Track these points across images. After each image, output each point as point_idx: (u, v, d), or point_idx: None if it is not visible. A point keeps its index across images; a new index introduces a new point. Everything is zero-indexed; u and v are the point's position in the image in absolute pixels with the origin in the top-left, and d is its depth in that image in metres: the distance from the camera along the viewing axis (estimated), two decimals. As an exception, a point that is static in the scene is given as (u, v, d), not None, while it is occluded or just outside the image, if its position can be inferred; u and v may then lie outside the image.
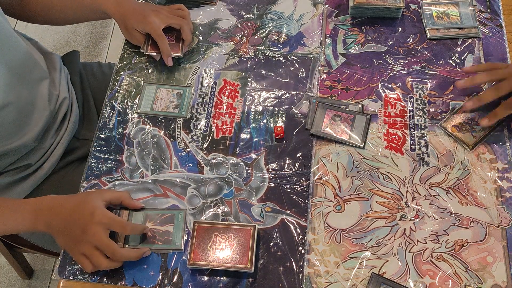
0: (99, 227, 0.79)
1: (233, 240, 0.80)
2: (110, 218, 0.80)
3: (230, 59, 1.04)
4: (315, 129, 0.93)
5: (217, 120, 0.96)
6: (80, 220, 0.80)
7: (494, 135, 0.91)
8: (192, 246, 0.80)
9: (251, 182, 0.89)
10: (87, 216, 0.80)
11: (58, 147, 1.02)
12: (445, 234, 0.82)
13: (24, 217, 0.83)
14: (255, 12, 1.10)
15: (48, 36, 2.17)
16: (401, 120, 0.94)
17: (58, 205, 0.83)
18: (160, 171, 0.91)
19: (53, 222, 0.82)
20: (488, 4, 1.07)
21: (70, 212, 0.81)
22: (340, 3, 1.10)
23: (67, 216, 0.81)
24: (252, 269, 0.78)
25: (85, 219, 0.79)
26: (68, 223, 0.81)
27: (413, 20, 1.06)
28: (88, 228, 0.79)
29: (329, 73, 1.00)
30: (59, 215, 0.82)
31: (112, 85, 1.02)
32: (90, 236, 0.78)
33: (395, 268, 0.80)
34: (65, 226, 0.81)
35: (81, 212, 0.80)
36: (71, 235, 0.80)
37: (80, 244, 0.79)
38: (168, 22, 0.99)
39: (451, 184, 0.87)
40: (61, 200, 0.84)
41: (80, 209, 0.81)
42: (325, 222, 0.84)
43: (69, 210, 0.82)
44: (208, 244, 0.80)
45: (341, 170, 0.89)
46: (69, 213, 0.81)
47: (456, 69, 0.99)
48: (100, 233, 0.79)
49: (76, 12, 1.05)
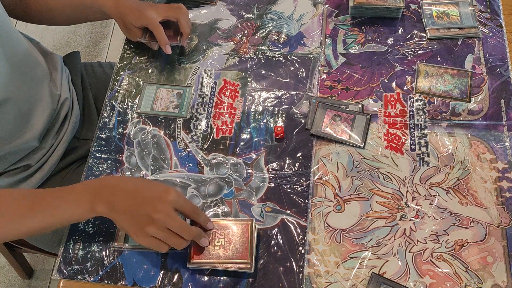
0: (171, 206, 0.73)
1: (232, 236, 0.80)
2: (184, 198, 0.75)
3: (230, 59, 1.04)
4: (315, 129, 0.93)
5: (217, 120, 0.96)
6: (150, 197, 0.74)
7: (494, 135, 0.91)
8: (192, 245, 0.80)
9: (251, 182, 0.89)
10: (161, 192, 0.74)
11: (59, 147, 1.02)
12: (445, 234, 0.82)
13: (80, 198, 0.76)
14: (255, 12, 1.10)
15: (48, 36, 2.17)
16: (401, 120, 0.94)
17: (122, 182, 0.77)
18: (160, 171, 0.91)
19: (117, 200, 0.74)
20: (488, 4, 1.07)
21: (140, 188, 0.75)
22: (340, 3, 1.10)
23: (134, 193, 0.74)
24: (252, 263, 0.78)
25: (159, 196, 0.73)
26: (136, 200, 0.74)
27: (413, 20, 1.06)
28: (161, 207, 0.73)
29: (329, 73, 1.00)
30: (124, 192, 0.75)
31: (112, 85, 1.02)
32: (163, 215, 0.72)
33: (395, 268, 0.80)
34: (131, 205, 0.74)
35: (151, 189, 0.75)
36: (139, 215, 0.73)
37: (150, 225, 0.73)
38: (165, 15, 0.99)
39: (451, 184, 0.87)
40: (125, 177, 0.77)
41: (150, 185, 0.75)
42: (325, 222, 0.84)
43: (137, 186, 0.75)
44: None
45: (341, 170, 0.89)
46: (137, 190, 0.75)
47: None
48: (173, 212, 0.73)
49: (76, 12, 1.05)
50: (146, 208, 0.73)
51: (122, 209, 0.75)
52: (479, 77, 0.98)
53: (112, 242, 0.84)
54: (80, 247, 0.84)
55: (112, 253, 0.83)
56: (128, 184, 0.77)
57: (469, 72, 0.98)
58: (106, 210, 0.75)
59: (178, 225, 0.74)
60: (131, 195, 0.75)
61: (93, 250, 0.84)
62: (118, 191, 0.76)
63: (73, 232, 0.85)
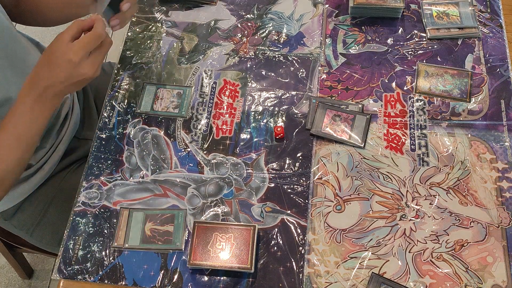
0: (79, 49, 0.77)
1: (233, 240, 0.80)
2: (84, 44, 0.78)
3: (230, 59, 1.04)
4: (315, 129, 0.93)
5: (217, 120, 0.96)
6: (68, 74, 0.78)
7: (494, 135, 0.91)
8: (192, 246, 0.80)
9: (251, 182, 0.89)
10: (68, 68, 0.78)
11: (59, 147, 1.02)
12: (445, 234, 0.82)
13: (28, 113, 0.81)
14: (255, 12, 1.10)
15: (48, 37, 2.17)
16: (401, 120, 0.94)
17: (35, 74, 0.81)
18: (160, 171, 0.91)
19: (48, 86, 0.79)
20: (488, 4, 1.07)
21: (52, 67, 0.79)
22: (340, 3, 1.10)
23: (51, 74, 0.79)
24: (252, 269, 0.78)
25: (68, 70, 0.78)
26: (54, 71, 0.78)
27: (413, 20, 1.06)
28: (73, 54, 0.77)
29: (329, 73, 1.00)
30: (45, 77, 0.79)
31: (112, 85, 1.02)
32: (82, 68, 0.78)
33: (395, 268, 0.80)
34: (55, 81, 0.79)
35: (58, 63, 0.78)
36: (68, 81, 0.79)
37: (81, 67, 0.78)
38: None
39: (451, 184, 0.87)
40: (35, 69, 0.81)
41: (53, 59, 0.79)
42: (325, 222, 0.84)
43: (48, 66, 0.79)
44: (208, 244, 0.80)
45: (341, 170, 0.89)
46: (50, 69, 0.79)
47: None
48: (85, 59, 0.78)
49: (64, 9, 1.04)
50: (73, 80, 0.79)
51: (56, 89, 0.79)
52: (479, 77, 0.98)
53: (112, 242, 0.84)
54: (80, 247, 0.84)
55: (112, 253, 0.83)
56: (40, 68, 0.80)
57: (469, 72, 0.98)
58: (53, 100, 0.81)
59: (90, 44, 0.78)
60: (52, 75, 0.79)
61: (93, 250, 0.84)
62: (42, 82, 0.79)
63: (73, 232, 0.86)
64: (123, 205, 0.88)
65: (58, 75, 0.78)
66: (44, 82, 0.79)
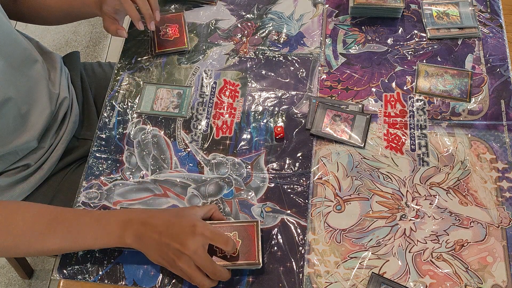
0: (199, 241, 0.73)
1: (238, 237, 0.80)
2: (212, 231, 0.74)
3: (230, 59, 1.04)
4: (315, 129, 0.93)
5: (217, 120, 0.96)
6: (179, 233, 0.74)
7: (494, 135, 0.91)
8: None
9: (251, 182, 0.89)
10: (187, 228, 0.74)
11: (58, 147, 1.02)
12: (445, 234, 0.82)
13: (108, 229, 0.77)
14: (255, 12, 1.10)
15: (48, 36, 2.17)
16: (401, 120, 0.94)
17: (150, 217, 0.77)
18: (160, 171, 0.91)
19: (146, 235, 0.75)
20: (488, 4, 1.07)
21: (167, 224, 0.75)
22: (340, 3, 1.10)
23: (163, 228, 0.75)
24: (261, 264, 0.78)
25: (185, 232, 0.74)
26: (164, 236, 0.74)
27: (413, 20, 1.06)
28: (189, 242, 0.73)
29: (329, 73, 1.00)
30: (153, 227, 0.75)
31: (112, 85, 1.02)
32: (191, 252, 0.73)
33: (395, 268, 0.80)
34: (159, 240, 0.74)
35: (180, 224, 0.75)
36: (167, 250, 0.74)
37: (179, 259, 0.73)
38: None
39: (451, 184, 0.87)
40: (154, 211, 0.78)
41: (179, 220, 0.75)
42: (325, 222, 0.84)
43: (165, 222, 0.75)
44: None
45: (341, 170, 0.89)
46: (165, 225, 0.75)
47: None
48: (201, 248, 0.73)
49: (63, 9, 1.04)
50: (174, 245, 0.73)
51: (149, 244, 0.75)
52: (479, 77, 0.98)
53: (112, 242, 0.84)
54: (80, 247, 0.84)
55: (112, 253, 0.83)
56: (158, 219, 0.77)
57: (469, 72, 0.98)
58: (135, 243, 0.76)
59: (206, 262, 0.74)
60: (160, 230, 0.75)
61: (93, 250, 0.83)
62: (147, 226, 0.76)
63: (73, 232, 0.85)
64: (123, 205, 0.88)
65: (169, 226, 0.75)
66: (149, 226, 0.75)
